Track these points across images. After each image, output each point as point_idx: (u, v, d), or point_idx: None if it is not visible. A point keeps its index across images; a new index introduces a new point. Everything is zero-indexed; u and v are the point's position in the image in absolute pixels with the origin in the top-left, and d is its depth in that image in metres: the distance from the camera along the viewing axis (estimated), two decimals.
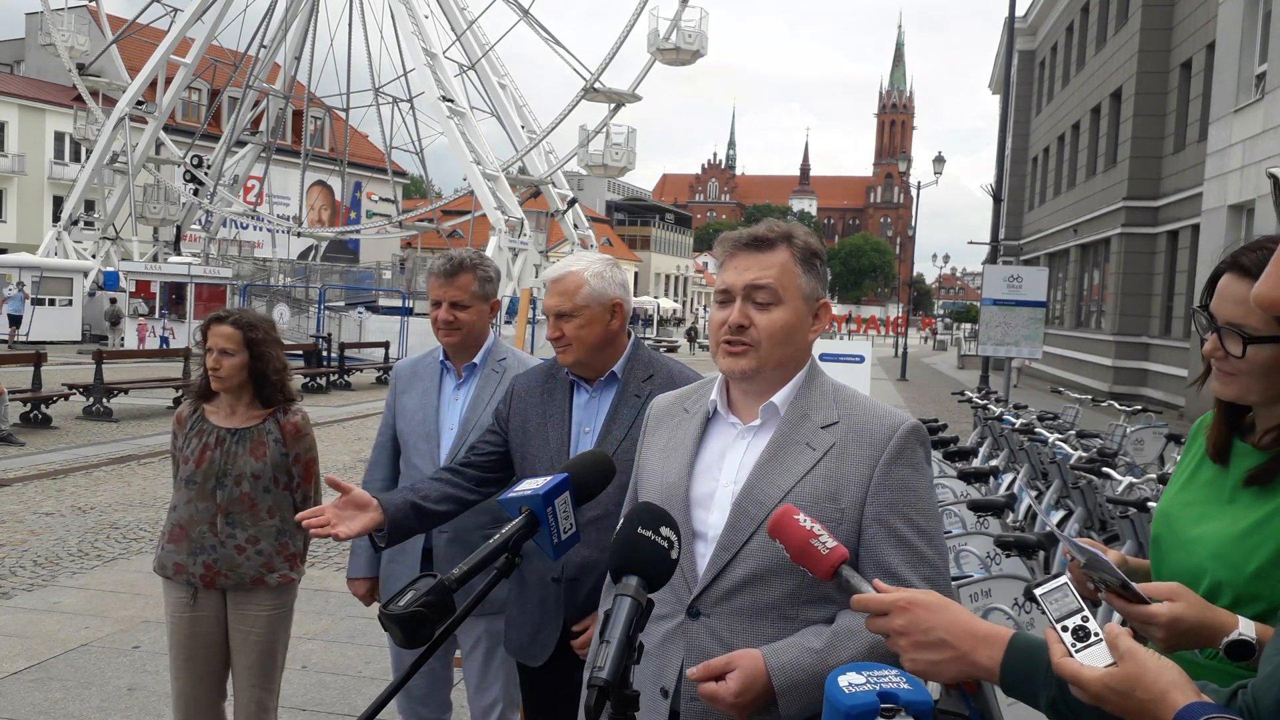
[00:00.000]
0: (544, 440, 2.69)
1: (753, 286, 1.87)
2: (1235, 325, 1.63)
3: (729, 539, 1.83)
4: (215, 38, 38.53)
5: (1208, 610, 1.54)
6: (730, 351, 1.89)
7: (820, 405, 1.90)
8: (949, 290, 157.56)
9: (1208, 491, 1.75)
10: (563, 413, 2.71)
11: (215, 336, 3.34)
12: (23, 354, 15.23)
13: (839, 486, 1.81)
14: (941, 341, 65.86)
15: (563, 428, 2.69)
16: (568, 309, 2.65)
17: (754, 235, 1.92)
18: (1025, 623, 3.90)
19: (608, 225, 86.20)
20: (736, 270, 1.90)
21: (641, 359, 2.75)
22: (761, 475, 1.85)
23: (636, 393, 2.66)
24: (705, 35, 36.10)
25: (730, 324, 1.87)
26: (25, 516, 8.41)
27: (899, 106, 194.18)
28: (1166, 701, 1.19)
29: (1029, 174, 39.05)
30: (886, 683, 1.18)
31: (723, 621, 1.82)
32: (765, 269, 1.88)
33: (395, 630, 1.43)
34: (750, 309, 1.87)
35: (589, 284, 2.67)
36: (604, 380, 2.71)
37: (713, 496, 1.89)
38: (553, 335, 2.66)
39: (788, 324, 1.88)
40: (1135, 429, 8.87)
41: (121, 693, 4.82)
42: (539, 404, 2.75)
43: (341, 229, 47.14)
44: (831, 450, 1.84)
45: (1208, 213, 19.39)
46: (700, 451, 1.95)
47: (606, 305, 2.69)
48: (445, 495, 2.63)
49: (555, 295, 2.68)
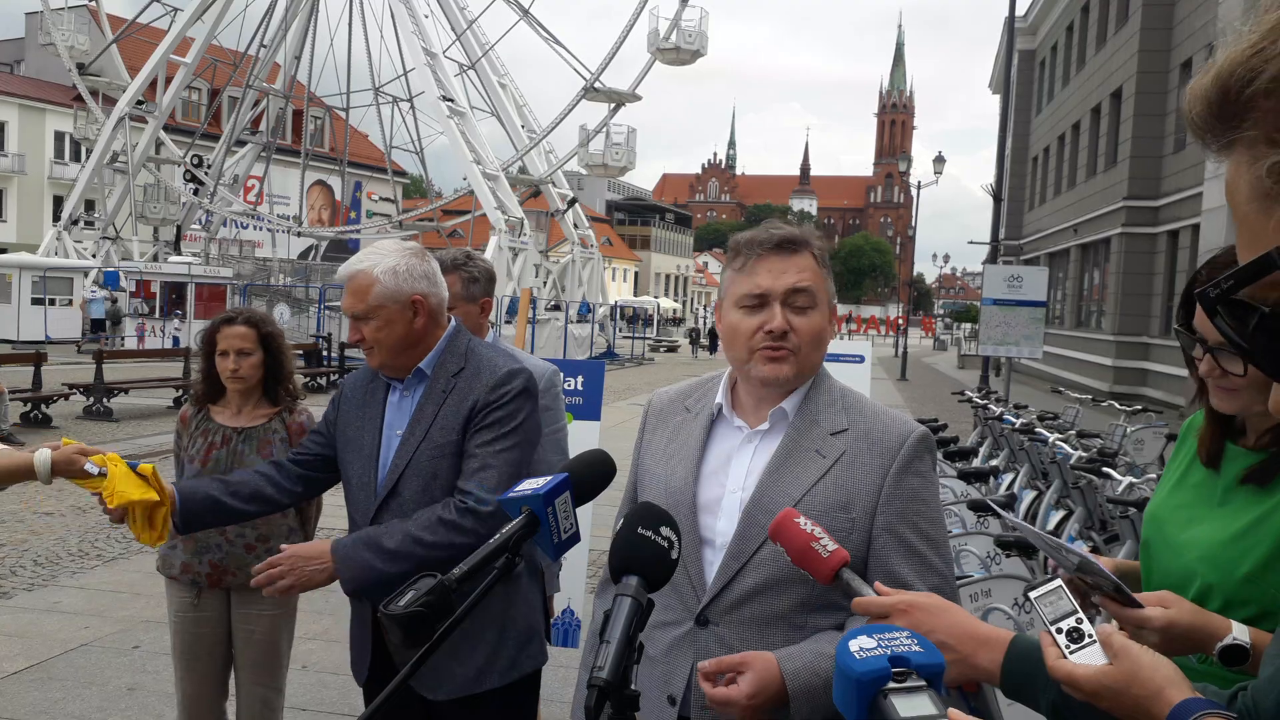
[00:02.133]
0: (360, 444, 2.59)
1: (793, 290, 1.83)
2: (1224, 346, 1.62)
3: (739, 548, 1.80)
4: (215, 37, 38.50)
5: (1200, 615, 1.54)
6: (772, 357, 1.83)
7: (829, 411, 1.87)
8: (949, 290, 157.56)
9: (1198, 494, 1.75)
10: (377, 414, 2.60)
11: (230, 338, 3.33)
12: (23, 354, 15.24)
13: (850, 495, 1.79)
14: (942, 341, 65.86)
15: (375, 428, 2.58)
16: (361, 311, 2.48)
17: (785, 237, 1.86)
18: (1025, 623, 3.90)
19: (608, 225, 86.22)
20: (771, 274, 1.84)
21: (455, 351, 2.57)
22: (772, 483, 1.81)
23: (443, 389, 2.52)
24: (705, 35, 36.11)
25: (774, 330, 1.81)
26: (25, 516, 8.42)
27: (899, 106, 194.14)
28: (1162, 698, 1.18)
29: (1029, 174, 39.03)
30: (898, 645, 1.15)
31: (732, 630, 1.80)
32: (801, 271, 1.84)
33: (395, 630, 1.43)
34: (789, 313, 1.83)
35: (380, 282, 2.48)
36: (413, 378, 2.56)
37: (720, 503, 1.85)
38: (353, 338, 2.52)
39: (823, 328, 1.86)
40: (1135, 429, 8.87)
41: (121, 693, 4.82)
42: (360, 405, 2.65)
43: (341, 229, 47.11)
44: (842, 458, 1.81)
45: (1208, 213, 19.37)
46: (705, 455, 1.91)
47: (404, 303, 2.50)
48: (256, 494, 2.61)
49: (348, 296, 2.50)
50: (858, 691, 1.13)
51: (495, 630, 2.47)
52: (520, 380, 2.52)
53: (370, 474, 2.55)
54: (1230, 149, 0.82)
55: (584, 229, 39.21)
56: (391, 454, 2.53)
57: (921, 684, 1.12)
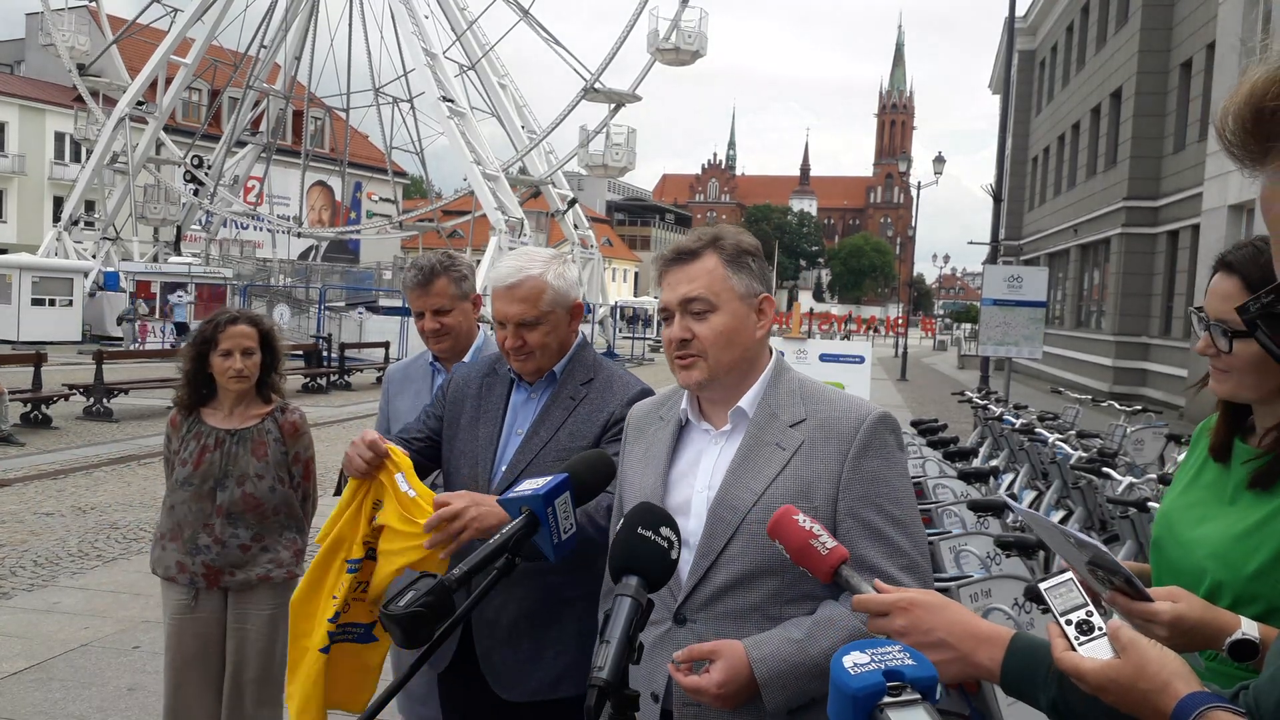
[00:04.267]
0: (473, 436, 2.58)
1: (686, 299, 1.90)
2: (1222, 321, 1.64)
3: (707, 546, 1.85)
4: (215, 38, 38.55)
5: (1209, 610, 1.54)
6: (681, 365, 1.91)
7: (787, 404, 1.91)
8: (949, 290, 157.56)
9: (1209, 493, 1.75)
10: (497, 410, 2.58)
11: (236, 338, 3.31)
12: (23, 354, 15.24)
13: (809, 484, 1.82)
14: (941, 342, 65.85)
15: (494, 425, 2.57)
16: (532, 316, 2.45)
17: (678, 249, 1.95)
18: (1025, 623, 3.89)
19: (608, 225, 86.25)
20: (670, 286, 1.94)
21: (584, 361, 2.59)
22: (734, 480, 1.86)
23: (571, 395, 2.52)
24: (705, 35, 36.14)
25: (674, 339, 1.91)
26: (25, 516, 8.41)
27: (899, 106, 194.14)
28: (1169, 691, 1.18)
29: (1029, 174, 39.04)
30: (891, 660, 1.17)
31: (709, 626, 1.84)
32: (693, 280, 1.90)
33: (395, 630, 1.44)
34: (690, 321, 1.90)
35: (552, 287, 2.48)
36: (543, 380, 2.56)
37: (689, 503, 1.90)
38: (514, 344, 2.47)
39: (728, 327, 1.89)
40: (1135, 429, 8.85)
41: (121, 693, 4.82)
42: (475, 398, 2.63)
43: (341, 229, 47.14)
44: (801, 448, 1.85)
45: (1208, 213, 19.38)
46: (675, 459, 1.97)
47: (569, 308, 2.53)
48: None
49: (517, 303, 2.45)
50: (854, 707, 1.15)
51: (577, 640, 2.46)
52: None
53: (484, 468, 2.54)
54: (1263, 165, 0.82)
55: (584, 229, 39.21)
56: (510, 452, 2.52)
57: (916, 697, 1.14)
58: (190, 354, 3.37)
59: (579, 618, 2.44)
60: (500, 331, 2.52)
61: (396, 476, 2.39)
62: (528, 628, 2.46)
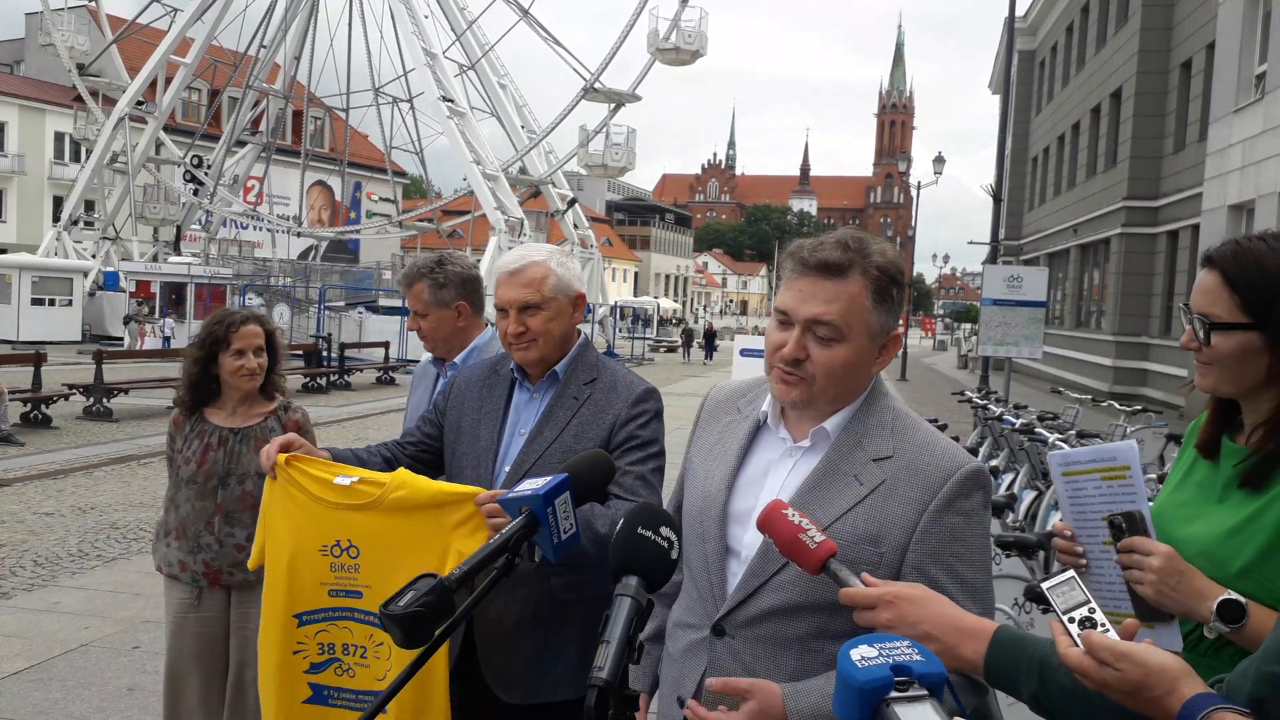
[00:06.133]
0: (474, 437, 2.58)
1: (814, 321, 1.70)
2: (1203, 315, 1.67)
3: (760, 565, 1.74)
4: (215, 38, 38.54)
5: (1194, 570, 1.61)
6: (784, 380, 1.74)
7: (876, 434, 1.76)
8: (949, 290, 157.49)
9: (1199, 492, 1.77)
10: (498, 410, 2.58)
11: (248, 337, 3.34)
12: (23, 354, 15.23)
13: (881, 529, 1.68)
14: (941, 342, 65.86)
15: (495, 426, 2.57)
16: (535, 301, 2.49)
17: (825, 261, 1.71)
18: (1025, 623, 3.89)
19: (608, 225, 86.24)
20: (799, 296, 1.72)
21: (587, 361, 2.59)
22: (802, 505, 1.68)
23: (575, 395, 2.52)
24: (705, 35, 36.15)
25: (787, 355, 1.72)
26: (25, 516, 8.41)
27: (899, 106, 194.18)
28: (1175, 692, 1.19)
29: (1029, 174, 39.04)
30: (899, 655, 1.16)
31: (746, 645, 1.75)
32: (830, 303, 1.69)
33: (395, 630, 1.43)
34: (809, 342, 1.71)
35: (554, 274, 2.52)
36: (545, 380, 2.57)
37: (751, 515, 1.75)
38: (515, 330, 2.50)
39: (848, 362, 1.72)
40: (1135, 429, 8.87)
41: (121, 693, 4.82)
42: (476, 399, 2.63)
43: (341, 229, 47.14)
44: (880, 488, 1.70)
45: (1208, 213, 19.38)
46: (744, 463, 1.84)
47: (571, 298, 2.56)
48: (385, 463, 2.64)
49: (519, 287, 2.50)
50: (860, 700, 1.14)
51: (578, 644, 2.46)
52: (656, 399, 2.58)
53: (486, 469, 2.54)
54: None
55: (584, 229, 39.22)
56: (513, 452, 2.52)
57: (924, 693, 1.13)
58: (198, 354, 3.37)
59: (581, 622, 2.44)
60: (503, 321, 2.54)
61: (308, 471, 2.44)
62: (529, 630, 2.46)
